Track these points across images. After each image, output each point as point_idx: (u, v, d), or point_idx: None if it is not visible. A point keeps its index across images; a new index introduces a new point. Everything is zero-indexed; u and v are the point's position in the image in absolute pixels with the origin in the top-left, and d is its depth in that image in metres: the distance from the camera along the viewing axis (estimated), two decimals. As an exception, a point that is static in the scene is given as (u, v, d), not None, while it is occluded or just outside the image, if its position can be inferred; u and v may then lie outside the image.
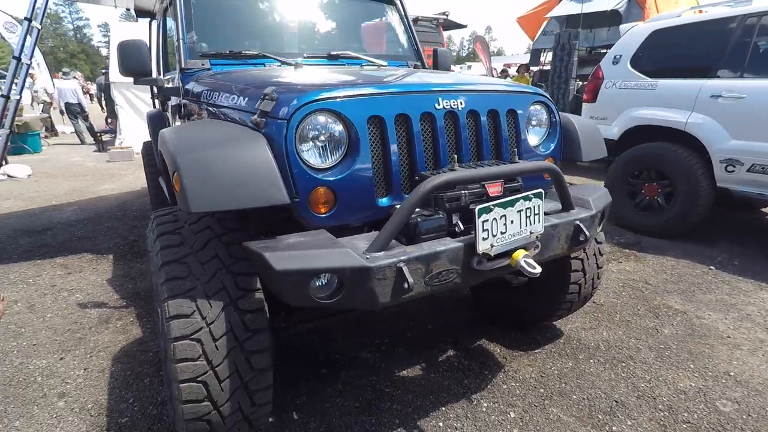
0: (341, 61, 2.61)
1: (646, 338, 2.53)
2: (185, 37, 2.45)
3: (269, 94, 1.48)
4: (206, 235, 1.51)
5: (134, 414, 1.98)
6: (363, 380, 2.19)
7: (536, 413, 1.96)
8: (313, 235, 1.43)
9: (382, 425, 1.90)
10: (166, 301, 1.39)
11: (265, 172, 1.33)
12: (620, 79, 4.38)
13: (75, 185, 6.58)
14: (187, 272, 1.44)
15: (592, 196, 1.83)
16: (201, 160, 1.30)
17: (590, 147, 2.02)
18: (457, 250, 1.43)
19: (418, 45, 3.08)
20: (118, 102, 9.19)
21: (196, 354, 1.38)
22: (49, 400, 2.09)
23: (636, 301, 2.97)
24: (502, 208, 1.47)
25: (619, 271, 3.45)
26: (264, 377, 1.51)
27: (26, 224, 4.70)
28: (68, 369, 2.31)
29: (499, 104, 1.79)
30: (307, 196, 1.44)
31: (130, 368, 2.30)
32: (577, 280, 2.24)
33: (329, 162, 1.50)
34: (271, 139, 1.42)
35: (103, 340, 2.56)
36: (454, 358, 2.37)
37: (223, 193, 1.28)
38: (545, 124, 1.97)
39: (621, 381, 2.16)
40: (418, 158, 1.61)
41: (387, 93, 1.57)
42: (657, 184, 4.09)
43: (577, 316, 2.76)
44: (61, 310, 2.91)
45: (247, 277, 1.48)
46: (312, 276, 1.27)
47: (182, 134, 1.51)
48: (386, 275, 1.31)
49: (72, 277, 3.42)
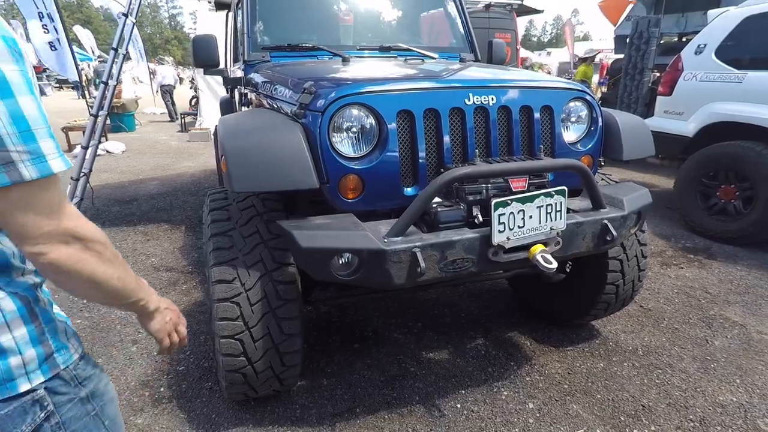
0: (392, 53, 2.71)
1: (691, 348, 2.41)
2: (250, 30, 2.68)
3: (308, 88, 1.62)
4: (249, 213, 1.71)
5: (189, 364, 2.28)
6: (391, 358, 2.32)
7: (555, 407, 1.98)
8: (339, 217, 1.56)
9: (402, 400, 2.03)
10: (212, 267, 1.60)
11: (298, 158, 1.49)
12: (702, 71, 4.04)
13: (159, 162, 7.31)
14: (231, 244, 1.64)
15: (627, 196, 1.79)
16: (244, 147, 1.48)
17: (633, 144, 1.96)
18: (473, 241, 1.50)
19: (472, 37, 3.08)
20: (200, 87, 9.96)
21: (235, 315, 1.59)
22: (125, 345, 2.45)
23: (689, 309, 2.81)
24: (520, 203, 1.51)
25: (677, 276, 3.26)
26: (293, 342, 1.69)
27: (118, 194, 5.35)
28: (141, 321, 2.68)
29: (534, 100, 1.79)
30: (337, 182, 1.57)
31: (190, 325, 2.61)
32: (614, 281, 2.19)
33: (360, 152, 1.62)
34: (307, 128, 1.57)
35: (170, 299, 2.92)
36: (482, 346, 2.43)
37: (261, 175, 1.46)
38: (585, 120, 1.93)
39: (653, 387, 2.10)
40: (444, 152, 1.68)
41: (417, 88, 1.65)
42: (735, 186, 3.76)
43: (618, 318, 2.68)
44: (139, 271, 3.34)
45: (282, 252, 1.66)
46: (333, 254, 1.41)
47: (233, 122, 1.71)
48: (401, 258, 1.42)
49: (150, 243, 3.89)
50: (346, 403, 2.01)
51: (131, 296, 0.83)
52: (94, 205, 4.77)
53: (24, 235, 0.65)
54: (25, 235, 0.65)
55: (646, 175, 6.02)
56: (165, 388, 2.12)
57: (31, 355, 0.73)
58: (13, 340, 0.71)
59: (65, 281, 0.72)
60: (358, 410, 1.97)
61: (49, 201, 0.66)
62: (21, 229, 0.65)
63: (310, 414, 1.94)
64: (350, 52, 2.58)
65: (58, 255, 0.67)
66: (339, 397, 2.05)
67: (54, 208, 0.67)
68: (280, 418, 1.92)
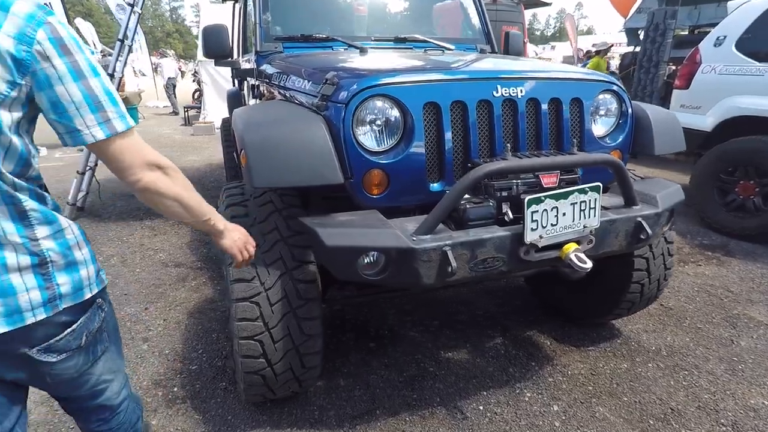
0: (408, 45, 2.63)
1: (717, 348, 2.34)
2: (261, 20, 2.60)
3: (330, 79, 1.55)
4: (268, 209, 1.64)
5: (202, 363, 2.22)
6: (408, 357, 2.26)
7: (581, 409, 1.92)
8: (364, 214, 1.50)
9: (423, 401, 1.97)
10: (230, 265, 1.54)
11: (322, 153, 1.42)
12: (721, 64, 3.93)
13: (164, 155, 7.23)
14: (250, 241, 1.58)
15: (660, 193, 1.72)
16: (265, 140, 1.42)
17: (665, 139, 1.89)
18: (504, 239, 1.43)
19: (488, 28, 3.00)
20: (203, 80, 9.87)
21: (254, 315, 1.53)
22: (135, 343, 2.40)
23: (712, 308, 2.74)
24: (554, 200, 1.44)
25: (696, 274, 3.19)
26: (314, 343, 1.63)
27: (123, 188, 5.27)
28: (151, 318, 2.63)
29: (563, 92, 1.72)
30: (361, 177, 1.51)
31: (201, 324, 2.56)
32: (639, 279, 2.12)
33: (384, 145, 1.55)
34: (330, 121, 1.50)
35: (180, 296, 2.87)
36: (502, 346, 2.37)
37: (283, 171, 1.39)
38: (614, 114, 1.86)
39: (681, 389, 2.04)
40: (472, 146, 1.61)
41: (444, 80, 1.58)
42: (755, 182, 3.68)
43: (639, 318, 2.61)
44: (147, 267, 3.29)
45: (302, 249, 1.59)
46: (359, 253, 1.34)
47: (251, 114, 1.64)
48: (431, 258, 1.36)
49: (157, 238, 3.83)
50: (365, 405, 1.95)
51: (206, 214, 1.09)
52: (100, 199, 4.71)
53: (123, 169, 0.93)
54: (123, 169, 0.93)
55: (656, 170, 5.93)
56: (178, 387, 2.06)
57: (92, 270, 1.00)
58: (83, 256, 0.97)
59: (159, 201, 0.99)
60: (378, 412, 1.91)
61: (133, 143, 0.94)
62: (120, 165, 0.92)
63: (328, 416, 1.89)
64: (364, 43, 2.50)
65: (148, 179, 0.95)
66: (357, 398, 2.00)
67: (138, 148, 0.94)
68: (298, 420, 1.86)
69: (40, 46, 0.79)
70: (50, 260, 0.89)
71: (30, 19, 0.78)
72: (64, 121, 0.84)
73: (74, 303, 0.94)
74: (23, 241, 0.86)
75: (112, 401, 1.16)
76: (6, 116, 0.79)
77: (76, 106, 0.84)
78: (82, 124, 0.85)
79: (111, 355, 1.12)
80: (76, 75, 0.83)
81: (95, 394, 1.11)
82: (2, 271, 0.84)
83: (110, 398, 1.15)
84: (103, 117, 0.86)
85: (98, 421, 1.17)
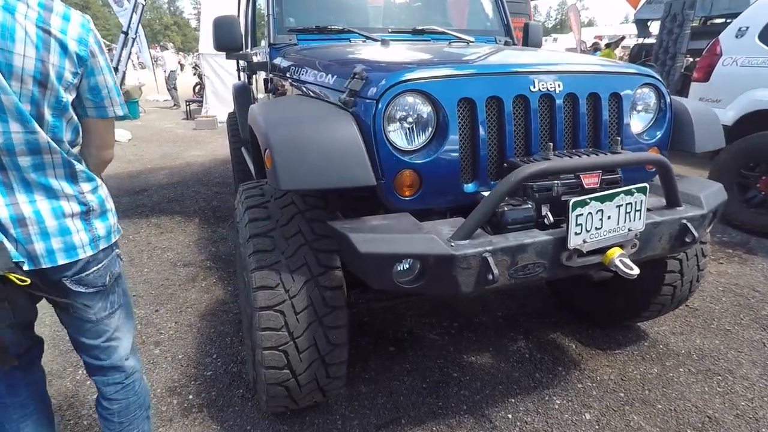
0: (427, 37, 2.52)
1: (749, 352, 2.27)
2: (274, 11, 2.49)
3: (359, 73, 1.45)
4: (290, 211, 1.55)
5: (217, 369, 2.15)
6: (430, 362, 2.19)
7: (614, 418, 1.85)
8: (397, 218, 1.41)
9: (449, 409, 1.90)
10: (253, 272, 1.45)
11: (353, 153, 1.33)
12: (743, 55, 3.82)
13: (167, 150, 7.14)
14: (273, 246, 1.49)
15: (703, 193, 1.63)
16: (292, 139, 1.32)
17: (705, 136, 1.80)
18: (546, 244, 1.35)
19: (508, 19, 2.89)
20: (205, 73, 9.72)
21: (279, 324, 1.44)
22: (147, 347, 2.32)
23: (739, 308, 2.67)
24: (599, 202, 1.35)
25: (719, 273, 3.11)
26: (340, 352, 1.55)
27: (127, 185, 5.19)
28: (162, 321, 2.55)
29: (602, 87, 1.63)
30: (393, 178, 1.42)
31: (214, 326, 2.48)
32: (672, 281, 2.04)
33: (415, 144, 1.46)
34: (359, 118, 1.41)
35: (190, 297, 2.79)
36: (525, 349, 2.29)
37: (312, 172, 1.30)
38: (653, 109, 1.77)
39: (716, 396, 1.96)
40: (508, 144, 1.52)
41: (480, 74, 1.48)
42: (777, 178, 3.59)
43: (665, 319, 2.53)
44: (155, 266, 3.20)
45: (328, 254, 1.51)
46: (396, 260, 1.26)
47: (274, 111, 1.54)
48: (470, 264, 1.27)
49: (164, 236, 3.74)
50: (390, 413, 1.88)
51: None
52: (103, 196, 4.61)
53: (106, 143, 1.23)
54: (106, 144, 1.23)
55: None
56: (194, 395, 1.99)
57: (115, 219, 1.24)
58: (112, 207, 1.23)
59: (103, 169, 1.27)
60: (404, 421, 1.84)
61: (113, 128, 1.26)
62: (107, 140, 1.23)
63: (352, 425, 1.81)
64: (381, 35, 2.40)
65: (112, 154, 1.28)
66: (381, 406, 1.92)
67: (113, 132, 1.27)
68: (321, 430, 1.79)
69: (92, 47, 1.08)
70: (91, 209, 1.14)
71: (84, 27, 1.06)
72: (97, 99, 1.13)
73: (107, 245, 1.19)
74: (75, 194, 1.11)
75: (122, 362, 1.32)
76: (69, 97, 1.06)
77: (108, 90, 1.14)
78: (109, 103, 1.15)
79: (123, 313, 1.31)
80: (109, 68, 1.14)
81: (109, 350, 1.29)
82: (61, 216, 1.08)
83: (121, 359, 1.32)
84: (121, 100, 1.19)
85: (114, 384, 1.32)
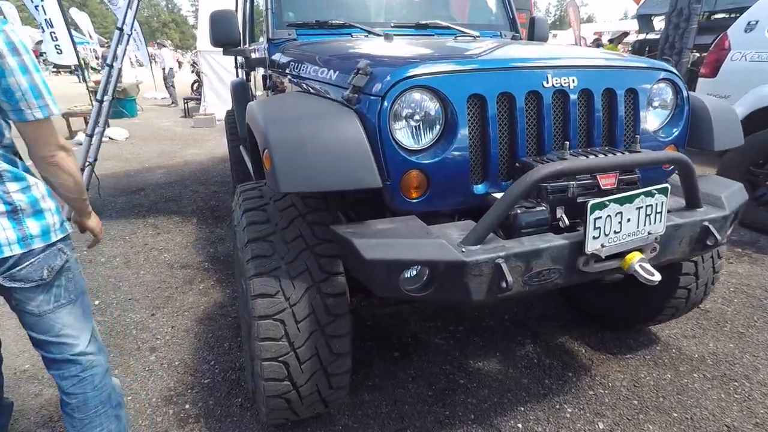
0: (431, 31, 2.44)
1: (765, 356, 2.20)
2: (272, 5, 2.40)
3: (363, 69, 1.37)
4: (291, 214, 1.47)
5: (215, 376, 2.07)
6: (436, 368, 2.11)
7: (629, 427, 1.77)
8: (403, 221, 1.33)
9: (456, 419, 1.83)
10: (251, 279, 1.38)
11: (358, 153, 1.25)
12: (753, 50, 3.74)
13: (164, 149, 7.04)
14: (272, 251, 1.41)
15: (724, 193, 1.55)
16: (292, 139, 1.24)
17: (724, 133, 1.72)
18: (562, 249, 1.27)
19: (514, 13, 2.81)
20: (203, 70, 9.61)
21: (279, 334, 1.37)
22: (142, 353, 2.24)
23: (752, 310, 2.59)
24: (618, 205, 1.27)
25: (729, 273, 3.04)
26: (343, 362, 1.47)
27: (124, 184, 5.11)
28: (158, 325, 2.47)
29: (618, 82, 1.55)
30: (399, 179, 1.34)
31: (212, 331, 2.41)
32: (687, 284, 1.97)
33: (422, 143, 1.38)
34: (364, 116, 1.33)
35: (187, 300, 2.71)
36: (534, 354, 2.22)
37: (314, 173, 1.22)
38: (670, 105, 1.69)
39: (734, 403, 1.89)
40: (519, 143, 1.44)
41: (491, 69, 1.40)
42: (787, 176, 3.51)
43: (675, 321, 2.46)
44: (152, 268, 3.12)
45: (331, 259, 1.43)
46: (403, 267, 1.18)
47: (273, 109, 1.46)
48: (482, 271, 1.20)
49: (161, 237, 3.66)
50: (395, 423, 1.80)
51: (84, 193, 1.35)
52: (99, 195, 4.52)
53: (44, 146, 1.17)
54: (44, 146, 1.17)
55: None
56: (190, 405, 1.91)
57: (56, 218, 1.23)
58: (50, 206, 1.22)
59: (60, 175, 1.22)
60: (409, 431, 1.77)
61: (53, 127, 1.18)
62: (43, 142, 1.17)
63: (355, 436, 1.74)
64: (384, 30, 2.32)
65: (60, 156, 1.20)
66: (385, 415, 1.85)
67: (55, 131, 1.19)
68: (323, 441, 1.72)
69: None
70: (19, 208, 1.14)
71: None
72: (11, 102, 1.10)
73: (45, 243, 1.19)
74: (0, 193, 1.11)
75: (79, 359, 1.31)
76: None
77: (22, 92, 1.10)
78: (25, 105, 1.11)
79: (75, 311, 1.31)
80: (23, 69, 1.09)
81: (61, 346, 1.28)
82: None
83: (78, 356, 1.31)
84: (42, 102, 1.13)
85: (70, 377, 1.31)
